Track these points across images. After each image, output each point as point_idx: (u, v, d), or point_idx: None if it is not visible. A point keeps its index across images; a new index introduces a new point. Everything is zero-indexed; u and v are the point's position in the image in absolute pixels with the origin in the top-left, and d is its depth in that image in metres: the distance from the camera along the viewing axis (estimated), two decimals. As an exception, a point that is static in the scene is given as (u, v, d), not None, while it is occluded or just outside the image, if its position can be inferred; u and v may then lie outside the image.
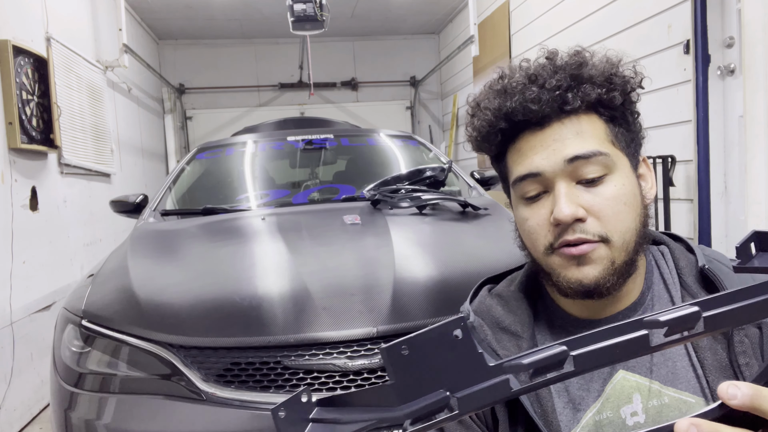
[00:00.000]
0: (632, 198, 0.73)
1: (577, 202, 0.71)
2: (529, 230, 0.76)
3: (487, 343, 0.80)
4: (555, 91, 0.72)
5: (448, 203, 2.32)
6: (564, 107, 0.72)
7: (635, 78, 0.76)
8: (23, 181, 3.10)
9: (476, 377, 0.44)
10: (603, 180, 0.72)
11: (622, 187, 0.73)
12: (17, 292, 2.91)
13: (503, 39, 5.10)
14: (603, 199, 0.72)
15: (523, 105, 0.73)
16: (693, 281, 0.77)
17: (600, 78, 0.73)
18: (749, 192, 2.20)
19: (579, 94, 0.72)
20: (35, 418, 3.09)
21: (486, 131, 0.77)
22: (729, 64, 2.65)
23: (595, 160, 0.72)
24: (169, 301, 1.59)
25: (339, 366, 1.43)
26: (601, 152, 0.72)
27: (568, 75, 0.73)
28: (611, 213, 0.72)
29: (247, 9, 6.14)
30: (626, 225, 0.72)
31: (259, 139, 3.14)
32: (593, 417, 0.74)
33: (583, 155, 0.71)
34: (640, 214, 0.74)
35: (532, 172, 0.73)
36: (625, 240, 0.72)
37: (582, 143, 0.72)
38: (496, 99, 0.76)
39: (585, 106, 0.73)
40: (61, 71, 3.66)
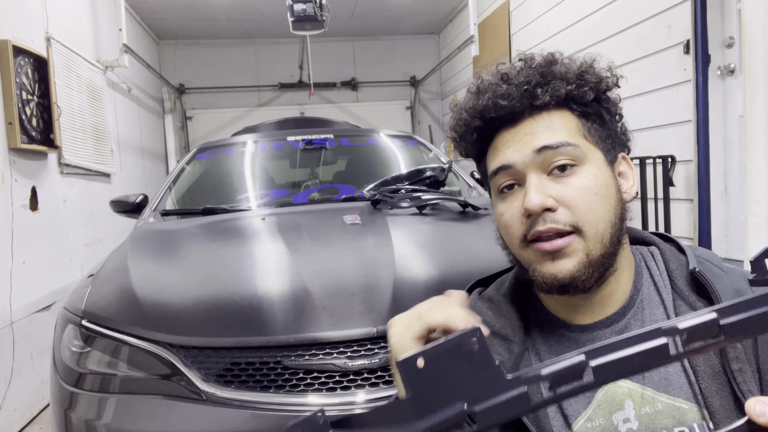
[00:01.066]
0: (605, 189, 0.73)
1: (547, 193, 0.72)
2: (504, 224, 0.77)
3: None
4: (524, 86, 0.74)
5: (448, 203, 2.32)
6: (534, 102, 0.74)
7: (610, 77, 0.77)
8: (23, 181, 3.10)
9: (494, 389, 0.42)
10: (573, 170, 0.73)
11: (593, 178, 0.73)
12: (17, 292, 2.91)
13: (503, 39, 5.10)
14: (573, 188, 0.72)
15: (494, 101, 0.74)
16: (684, 284, 0.77)
17: (571, 75, 0.75)
18: (749, 192, 2.20)
19: (548, 90, 0.74)
20: (35, 418, 3.09)
21: (462, 131, 0.79)
22: (729, 64, 2.65)
23: (563, 150, 0.73)
24: (169, 301, 1.59)
25: (339, 366, 1.43)
26: (570, 143, 0.73)
27: (538, 72, 0.75)
28: (581, 203, 0.72)
29: (247, 9, 6.14)
30: (597, 215, 0.72)
31: (259, 139, 3.14)
32: (584, 424, 0.73)
33: (551, 145, 0.72)
34: (614, 207, 0.74)
35: (504, 165, 0.75)
36: (598, 231, 0.72)
37: (551, 135, 0.73)
38: (471, 99, 0.78)
39: (555, 101, 0.74)
40: (61, 71, 3.66)
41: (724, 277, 0.75)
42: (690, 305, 0.74)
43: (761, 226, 2.15)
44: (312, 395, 1.42)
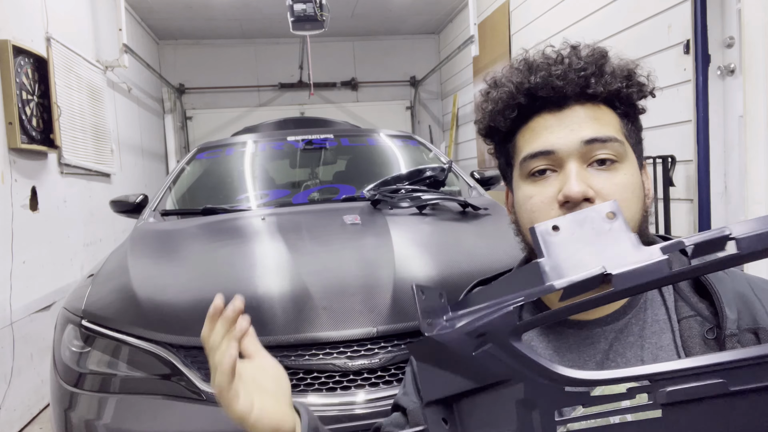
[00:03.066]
0: (639, 189, 0.74)
1: (588, 183, 0.71)
2: (532, 207, 0.74)
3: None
4: (581, 71, 0.73)
5: (448, 203, 2.32)
6: (586, 90, 0.73)
7: (648, 85, 0.77)
8: (23, 181, 3.10)
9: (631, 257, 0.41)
10: (614, 166, 0.72)
11: (631, 177, 0.73)
12: (17, 292, 2.91)
13: (503, 39, 5.10)
14: (613, 183, 0.72)
15: (547, 80, 0.73)
16: (686, 285, 0.77)
17: (621, 73, 0.74)
18: (749, 192, 2.20)
19: (602, 82, 0.73)
20: (35, 418, 3.09)
21: (504, 104, 0.76)
22: (729, 64, 2.65)
23: (610, 146, 0.72)
24: (169, 301, 1.59)
25: (339, 366, 1.43)
26: (617, 139, 0.73)
27: (594, 62, 0.74)
28: (620, 198, 0.71)
29: (247, 9, 6.14)
30: (631, 214, 0.72)
31: (259, 139, 3.14)
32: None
33: (601, 138, 0.72)
34: (642, 209, 0.75)
35: (547, 150, 0.73)
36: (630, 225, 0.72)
37: (600, 128, 0.73)
38: (519, 74, 0.76)
39: (605, 95, 0.74)
40: (61, 71, 3.66)
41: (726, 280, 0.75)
42: (691, 306, 0.74)
43: (761, 226, 2.15)
44: (312, 395, 1.42)
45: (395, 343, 1.46)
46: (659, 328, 0.75)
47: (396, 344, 1.46)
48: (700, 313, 0.73)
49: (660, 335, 0.74)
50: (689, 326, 0.73)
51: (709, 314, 0.73)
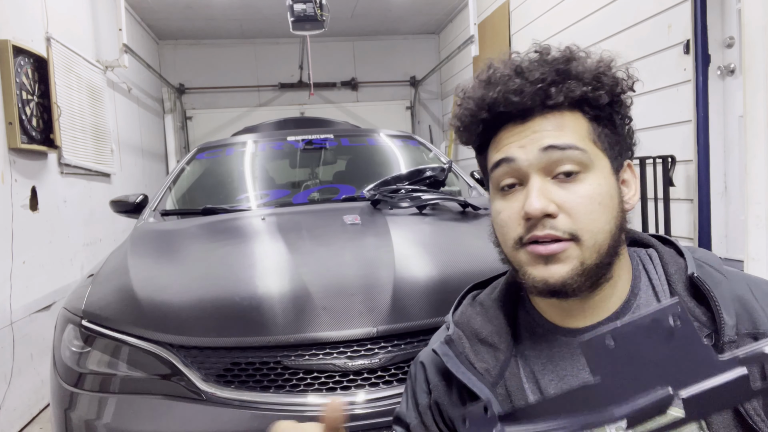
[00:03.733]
0: (608, 199, 0.71)
1: (550, 197, 0.70)
2: (501, 222, 0.74)
3: (465, 356, 0.79)
4: (538, 84, 0.71)
5: (448, 203, 2.32)
6: (547, 101, 0.71)
7: (627, 80, 0.74)
8: (23, 181, 3.10)
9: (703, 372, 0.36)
10: (578, 177, 0.70)
11: (597, 187, 0.71)
12: (17, 292, 2.91)
13: (503, 39, 5.10)
14: (576, 196, 0.70)
15: (505, 96, 0.72)
16: (683, 289, 0.74)
17: (588, 75, 0.72)
18: (749, 192, 2.20)
19: (563, 90, 0.71)
20: (35, 418, 3.09)
21: (468, 121, 0.76)
22: (729, 64, 2.65)
23: (570, 154, 0.70)
24: (169, 301, 1.59)
25: (339, 366, 1.43)
26: (578, 147, 0.70)
27: (554, 69, 0.71)
28: (583, 211, 0.70)
29: (247, 9, 6.14)
30: (598, 225, 0.70)
31: (259, 139, 3.14)
32: None
33: (559, 146, 0.70)
34: (615, 217, 0.72)
35: (507, 157, 0.72)
36: (597, 241, 0.70)
37: (560, 135, 0.71)
38: (480, 89, 0.75)
39: (569, 102, 0.72)
40: (61, 71, 3.66)
41: (723, 282, 0.72)
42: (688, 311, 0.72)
43: (761, 226, 2.15)
44: (312, 395, 1.42)
45: (395, 343, 1.46)
46: None
47: (396, 344, 1.46)
48: (697, 318, 0.71)
49: None
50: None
51: (707, 320, 0.71)
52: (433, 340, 0.87)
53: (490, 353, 0.78)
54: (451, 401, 0.80)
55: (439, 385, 0.82)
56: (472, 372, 0.77)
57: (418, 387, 0.85)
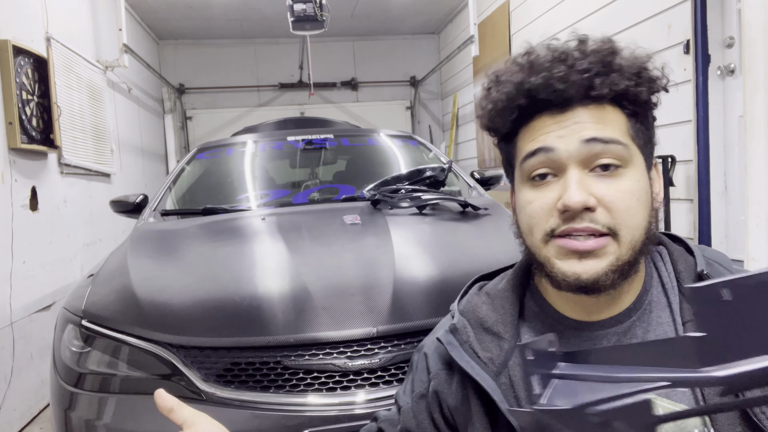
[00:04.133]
0: (645, 195, 0.71)
1: (589, 191, 0.68)
2: (531, 213, 0.72)
3: (469, 345, 0.78)
4: (584, 73, 0.69)
5: (448, 203, 2.32)
6: (590, 92, 0.69)
7: (661, 79, 0.73)
8: (23, 181, 3.10)
9: None
10: (618, 171, 0.69)
11: (636, 183, 0.69)
12: (17, 292, 2.91)
13: (503, 39, 5.10)
14: (616, 191, 0.68)
15: (549, 83, 0.69)
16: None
17: (630, 70, 0.70)
18: (749, 192, 2.20)
19: (608, 82, 0.69)
20: (35, 418, 3.09)
21: (503, 105, 0.73)
22: (729, 64, 2.65)
23: (613, 148, 0.68)
24: (169, 301, 1.59)
25: (339, 366, 1.43)
26: (620, 141, 0.69)
27: (600, 60, 0.69)
28: (624, 207, 0.68)
29: (247, 9, 6.14)
30: (636, 221, 0.69)
31: (259, 139, 3.14)
32: None
33: (602, 139, 0.68)
34: (649, 215, 0.71)
35: (545, 147, 0.70)
36: (634, 237, 0.69)
37: (602, 129, 0.69)
38: (520, 73, 0.72)
39: (611, 95, 0.70)
40: (61, 71, 3.66)
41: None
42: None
43: (761, 226, 2.15)
44: (312, 395, 1.42)
45: (395, 343, 1.46)
46: (663, 331, 0.73)
47: (396, 344, 1.46)
48: None
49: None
50: (695, 330, 0.71)
51: None
52: (438, 328, 0.88)
53: (494, 342, 0.78)
54: (451, 390, 0.80)
55: (440, 374, 0.82)
56: (476, 361, 0.77)
57: (417, 376, 0.86)
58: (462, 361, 0.77)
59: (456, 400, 0.79)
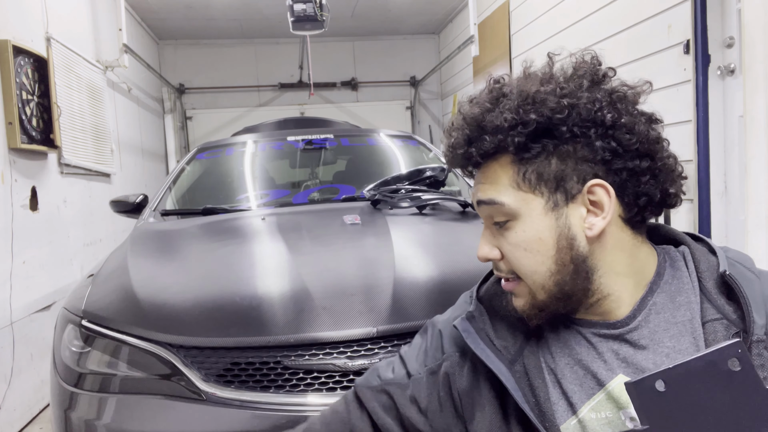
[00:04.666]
0: (535, 244, 0.73)
1: (493, 243, 0.77)
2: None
3: (485, 332, 0.81)
4: (459, 149, 0.76)
5: (448, 203, 2.32)
6: (470, 161, 0.77)
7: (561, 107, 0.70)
8: (23, 181, 3.10)
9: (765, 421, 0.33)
10: (507, 225, 0.75)
11: (522, 234, 0.74)
12: (17, 292, 2.91)
13: (503, 39, 5.10)
14: (506, 243, 0.75)
15: (448, 157, 0.80)
16: (713, 286, 0.74)
17: (506, 118, 0.71)
18: (749, 192, 2.20)
19: (482, 147, 0.74)
20: (35, 418, 3.09)
21: (448, 160, 0.82)
22: (729, 64, 2.65)
23: (495, 208, 0.75)
24: (169, 301, 1.59)
25: (339, 366, 1.43)
26: (495, 201, 0.74)
27: (470, 128, 0.75)
28: (513, 258, 0.75)
29: (247, 9, 6.14)
30: (529, 269, 0.74)
31: (259, 139, 3.14)
32: (589, 413, 0.73)
33: (485, 201, 0.76)
34: (552, 257, 0.72)
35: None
36: (536, 281, 0.74)
37: (488, 189, 0.76)
38: (445, 139, 0.81)
39: (488, 155, 0.75)
40: (61, 71, 3.66)
41: (755, 282, 0.72)
42: (718, 309, 0.73)
43: (761, 226, 2.15)
44: (312, 395, 1.42)
45: (395, 343, 1.46)
46: (678, 331, 0.73)
47: (396, 344, 1.46)
48: (727, 316, 0.72)
49: (679, 338, 0.73)
50: (714, 330, 0.71)
51: (736, 318, 0.71)
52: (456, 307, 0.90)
53: (509, 331, 0.80)
54: (463, 374, 0.82)
55: (453, 356, 0.84)
56: (491, 349, 0.79)
57: (431, 350, 0.88)
58: (477, 349, 0.78)
59: (467, 384, 0.81)
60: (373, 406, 0.87)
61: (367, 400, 0.88)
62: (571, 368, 0.76)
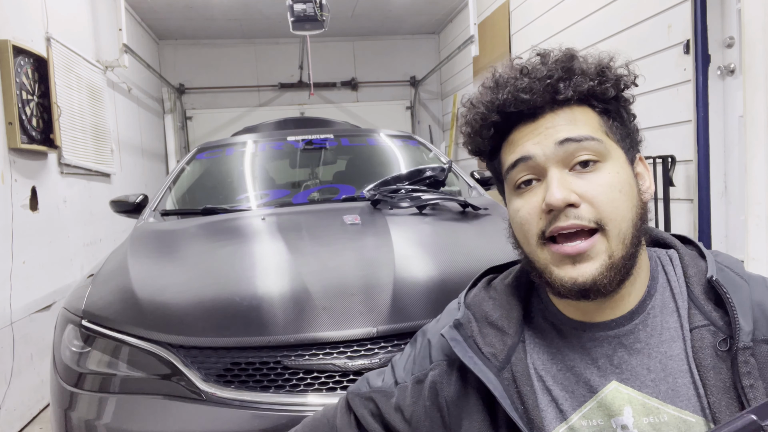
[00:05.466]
0: (627, 186, 0.72)
1: (570, 188, 0.70)
2: (521, 220, 0.74)
3: (473, 339, 0.79)
4: (546, 80, 0.72)
5: (448, 203, 2.32)
6: (556, 97, 0.72)
7: (628, 76, 0.76)
8: (23, 181, 3.10)
9: None
10: (596, 166, 0.71)
11: (616, 175, 0.71)
12: (17, 292, 2.91)
13: (503, 39, 5.10)
14: (597, 185, 0.70)
15: (515, 95, 0.72)
16: (701, 292, 0.73)
17: (592, 71, 0.73)
18: (749, 192, 2.20)
19: (571, 85, 0.72)
20: (35, 418, 3.09)
21: (479, 125, 0.77)
22: (729, 64, 2.65)
23: (587, 145, 0.71)
24: (169, 301, 1.59)
25: (339, 366, 1.43)
26: (593, 137, 0.71)
27: (560, 67, 0.73)
28: (606, 199, 0.69)
29: (247, 9, 6.14)
30: (622, 213, 0.70)
31: (259, 139, 3.14)
32: (580, 421, 0.73)
33: (575, 138, 0.71)
34: (636, 206, 0.72)
35: (524, 156, 0.73)
36: (621, 230, 0.70)
37: (574, 129, 0.72)
38: (488, 93, 0.76)
39: (578, 97, 0.73)
40: (61, 71, 3.66)
41: (743, 287, 0.72)
42: (705, 315, 0.72)
43: (761, 226, 2.15)
44: (312, 395, 1.42)
45: (395, 343, 1.46)
46: (669, 336, 0.73)
47: (396, 344, 1.46)
48: (714, 322, 0.71)
49: (670, 344, 0.72)
50: (701, 336, 0.71)
51: (723, 324, 0.70)
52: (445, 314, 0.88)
53: (498, 337, 0.78)
54: (451, 382, 0.81)
55: (441, 364, 0.83)
56: (479, 356, 0.77)
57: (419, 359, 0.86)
58: (465, 357, 0.77)
59: (455, 393, 0.80)
60: (362, 413, 0.87)
61: (356, 407, 0.89)
62: (563, 374, 0.75)
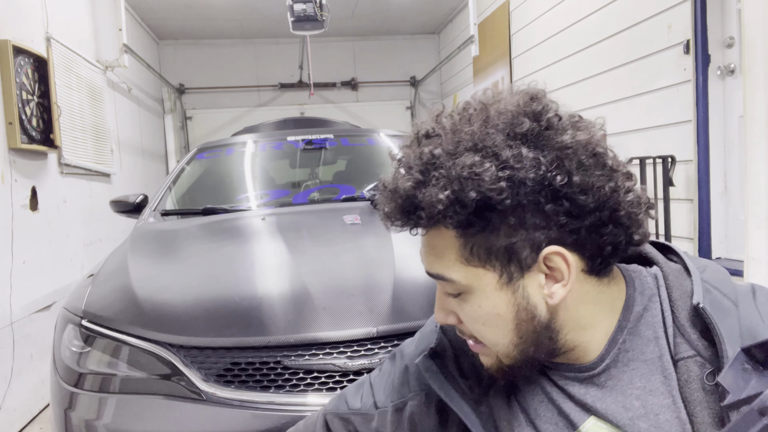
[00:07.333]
0: (493, 318, 0.67)
1: (449, 309, 0.71)
2: None
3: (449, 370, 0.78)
4: (394, 219, 0.67)
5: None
6: (408, 229, 0.69)
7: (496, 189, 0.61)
8: (23, 181, 3.10)
9: None
10: (463, 297, 0.69)
11: (478, 309, 0.67)
12: (17, 292, 2.91)
13: (503, 39, 5.10)
14: (464, 314, 0.70)
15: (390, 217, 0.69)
16: (686, 318, 0.67)
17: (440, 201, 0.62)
18: (749, 192, 2.20)
19: (414, 221, 0.66)
20: (35, 418, 3.09)
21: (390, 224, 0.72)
22: (729, 64, 2.65)
23: (443, 284, 0.69)
24: (170, 301, 1.59)
25: (339, 366, 1.43)
26: (444, 277, 0.68)
27: (406, 201, 0.65)
28: (474, 329, 0.70)
29: (247, 9, 6.14)
30: (491, 341, 0.69)
31: (259, 139, 3.14)
32: None
33: (433, 274, 0.70)
34: (513, 329, 0.67)
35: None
36: (500, 350, 0.69)
37: (434, 261, 0.69)
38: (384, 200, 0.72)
39: (429, 226, 0.67)
40: (61, 71, 3.66)
41: (731, 312, 0.65)
42: (691, 344, 0.66)
43: (761, 226, 2.15)
44: (312, 395, 1.42)
45: (395, 343, 1.46)
46: (647, 369, 0.67)
47: (396, 344, 1.46)
48: (700, 353, 0.65)
49: (649, 378, 0.67)
50: (687, 369, 0.65)
51: (710, 355, 0.64)
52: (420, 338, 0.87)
53: (475, 369, 0.77)
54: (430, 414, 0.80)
55: (419, 395, 0.82)
56: (455, 388, 0.76)
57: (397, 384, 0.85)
58: (441, 390, 0.76)
59: (434, 426, 0.80)
60: None
61: (335, 428, 0.88)
62: (545, 406, 0.72)
